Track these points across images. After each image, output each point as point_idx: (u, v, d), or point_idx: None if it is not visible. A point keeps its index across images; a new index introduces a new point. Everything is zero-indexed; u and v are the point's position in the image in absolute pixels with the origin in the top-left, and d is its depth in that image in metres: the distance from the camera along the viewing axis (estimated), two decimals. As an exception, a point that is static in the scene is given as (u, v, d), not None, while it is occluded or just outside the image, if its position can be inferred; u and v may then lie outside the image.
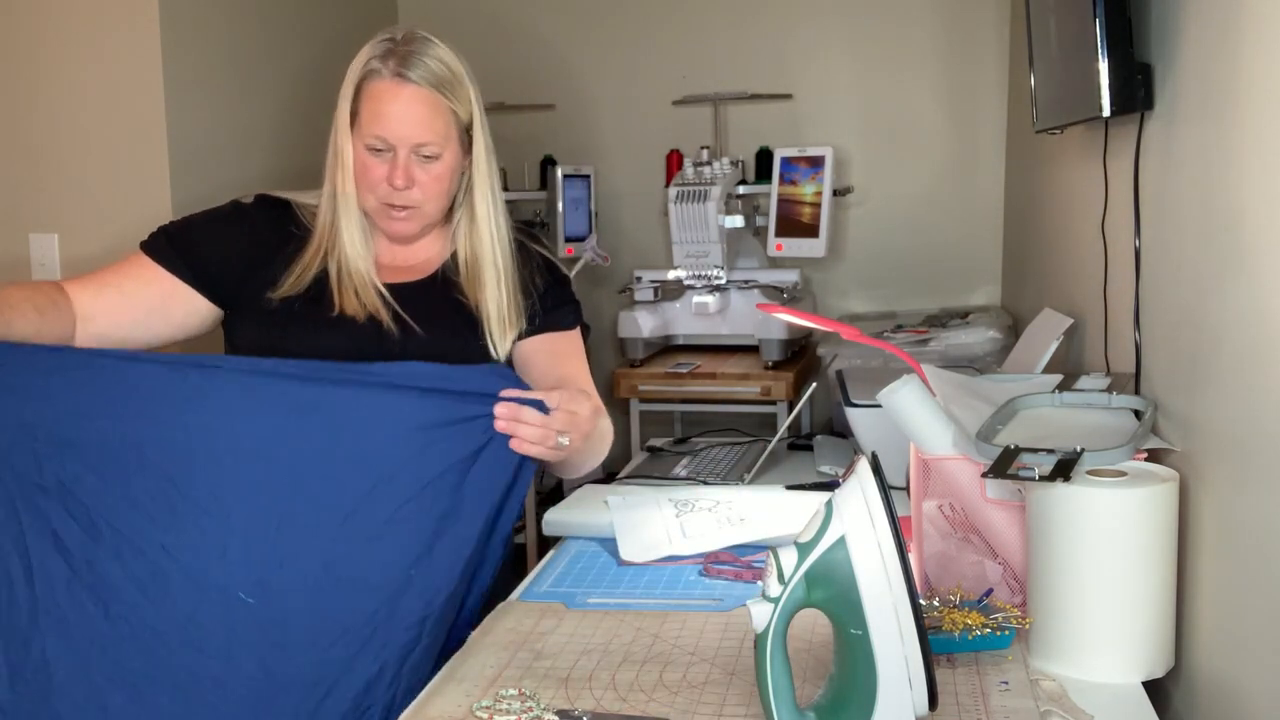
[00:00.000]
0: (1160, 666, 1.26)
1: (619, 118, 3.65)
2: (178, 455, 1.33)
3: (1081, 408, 1.52)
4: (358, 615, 1.34)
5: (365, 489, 1.34)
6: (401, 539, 1.35)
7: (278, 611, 1.33)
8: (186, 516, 1.33)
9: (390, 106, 1.51)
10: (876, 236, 3.52)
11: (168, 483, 1.33)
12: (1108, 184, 1.71)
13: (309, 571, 1.33)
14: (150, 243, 1.60)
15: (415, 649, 1.36)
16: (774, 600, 1.05)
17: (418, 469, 1.35)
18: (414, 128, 1.51)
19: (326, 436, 1.34)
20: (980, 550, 1.43)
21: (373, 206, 1.56)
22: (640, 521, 1.74)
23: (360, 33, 1.58)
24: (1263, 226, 1.11)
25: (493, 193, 1.61)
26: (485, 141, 1.59)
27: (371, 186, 1.54)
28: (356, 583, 1.34)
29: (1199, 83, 1.33)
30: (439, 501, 1.35)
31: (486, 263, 1.59)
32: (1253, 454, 1.13)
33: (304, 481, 1.34)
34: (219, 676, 1.31)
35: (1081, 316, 1.97)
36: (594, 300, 3.63)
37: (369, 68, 1.52)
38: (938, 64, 3.45)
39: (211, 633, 1.32)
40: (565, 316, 1.66)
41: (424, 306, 1.57)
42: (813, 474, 2.11)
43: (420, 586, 1.35)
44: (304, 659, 1.32)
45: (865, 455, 1.08)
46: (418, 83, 1.51)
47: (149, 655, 1.31)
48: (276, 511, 1.33)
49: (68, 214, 2.66)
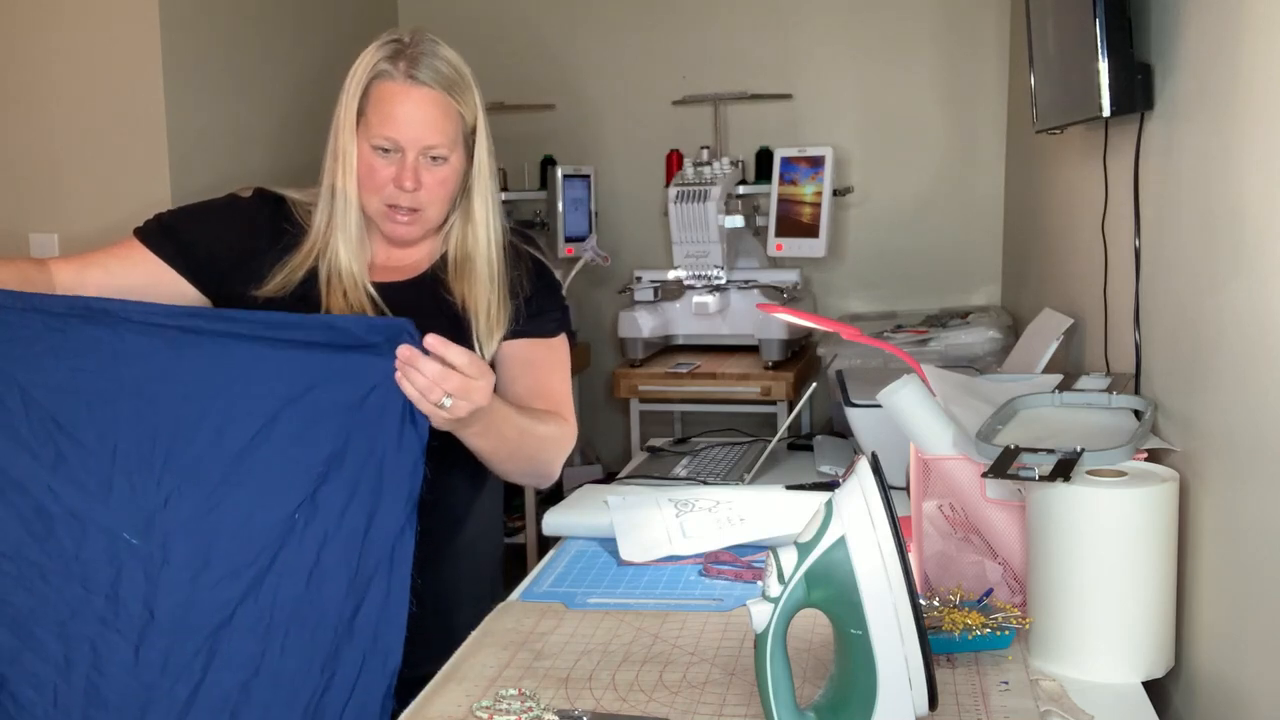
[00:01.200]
0: (1160, 666, 1.26)
1: (619, 118, 3.65)
2: (64, 397, 1.36)
3: (1081, 408, 1.52)
4: (241, 558, 1.34)
5: (249, 433, 1.35)
6: (286, 481, 1.35)
7: (160, 551, 1.34)
8: (72, 457, 1.35)
9: (401, 108, 1.50)
10: (876, 236, 3.52)
11: (53, 424, 1.36)
12: (1108, 184, 1.71)
13: (194, 513, 1.35)
14: (144, 228, 1.61)
15: (304, 602, 1.35)
16: (774, 600, 1.05)
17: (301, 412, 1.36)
18: (425, 129, 1.51)
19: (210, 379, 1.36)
20: (980, 550, 1.43)
21: (375, 208, 1.55)
22: (640, 521, 1.74)
23: (359, 29, 1.58)
24: (1263, 226, 1.12)
25: (492, 195, 1.60)
26: (488, 144, 1.59)
27: (377, 188, 1.53)
28: (240, 525, 1.35)
29: (1199, 83, 1.33)
30: (322, 445, 1.36)
31: (480, 262, 1.59)
32: (1253, 454, 1.13)
33: (187, 424, 1.36)
34: (104, 615, 1.34)
35: (1081, 316, 1.97)
36: (594, 300, 3.64)
37: (378, 69, 1.51)
38: (938, 64, 3.45)
39: (97, 570, 1.34)
40: (549, 323, 1.64)
41: (411, 308, 1.57)
42: (813, 474, 2.11)
43: (308, 532, 1.35)
44: (188, 599, 1.34)
45: (865, 455, 1.08)
46: (429, 85, 1.51)
47: (34, 593, 1.34)
48: (160, 453, 1.35)
49: (68, 214, 2.66)
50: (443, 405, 1.33)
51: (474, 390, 1.34)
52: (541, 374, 1.61)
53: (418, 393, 1.33)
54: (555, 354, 1.64)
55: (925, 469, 1.45)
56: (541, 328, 1.62)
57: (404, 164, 1.51)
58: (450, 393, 1.32)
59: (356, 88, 1.52)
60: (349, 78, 1.53)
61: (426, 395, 1.33)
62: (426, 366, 1.32)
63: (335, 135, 1.55)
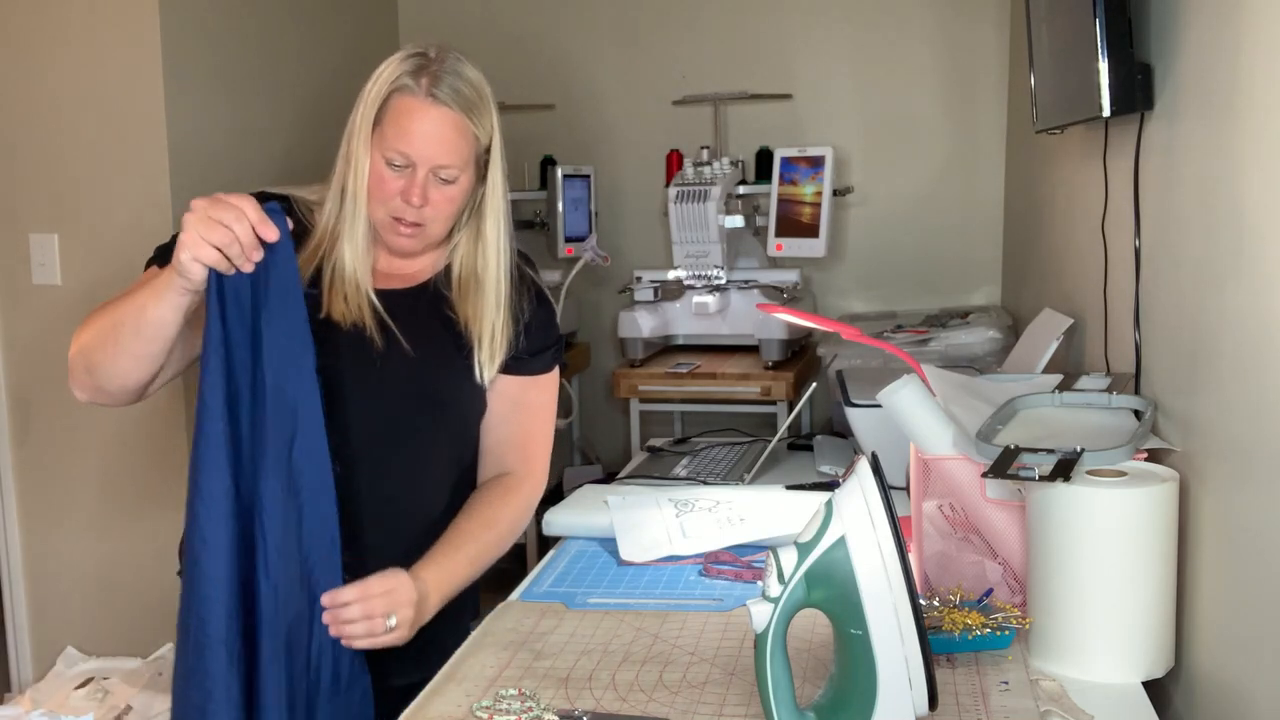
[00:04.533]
0: (1160, 666, 1.26)
1: (619, 118, 3.65)
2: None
3: (1081, 408, 1.52)
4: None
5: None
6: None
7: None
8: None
9: (419, 125, 1.49)
10: (876, 236, 3.52)
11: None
12: (1108, 184, 1.71)
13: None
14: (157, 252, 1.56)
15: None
16: (774, 600, 1.05)
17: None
18: (438, 149, 1.50)
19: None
20: (980, 550, 1.43)
21: (380, 218, 1.54)
22: (640, 521, 1.74)
23: (359, 30, 1.57)
24: (1263, 226, 1.12)
25: (505, 217, 1.60)
26: (502, 165, 1.59)
27: (385, 199, 1.53)
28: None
29: (1199, 82, 1.33)
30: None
31: (489, 285, 1.59)
32: (1253, 454, 1.13)
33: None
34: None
35: (1081, 316, 1.97)
36: (594, 300, 3.64)
37: (400, 82, 1.50)
38: (938, 64, 3.45)
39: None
40: (545, 359, 1.66)
41: (411, 318, 1.56)
42: (813, 474, 2.11)
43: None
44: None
45: (865, 455, 1.08)
46: (448, 104, 1.50)
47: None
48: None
49: (68, 214, 2.66)
50: (389, 627, 1.39)
51: (399, 596, 1.40)
52: (526, 419, 1.64)
53: (365, 632, 1.38)
54: (545, 394, 1.67)
55: (925, 469, 1.45)
56: (537, 364, 1.63)
57: (414, 180, 1.50)
58: (384, 612, 1.39)
59: (376, 97, 1.51)
60: (370, 83, 1.52)
61: (373, 631, 1.38)
62: (348, 613, 1.37)
63: (349, 139, 1.54)
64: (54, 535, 2.78)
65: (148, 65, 2.60)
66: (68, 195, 2.66)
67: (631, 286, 3.22)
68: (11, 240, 2.70)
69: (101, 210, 2.63)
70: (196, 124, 2.71)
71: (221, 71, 2.83)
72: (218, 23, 2.81)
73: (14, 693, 2.80)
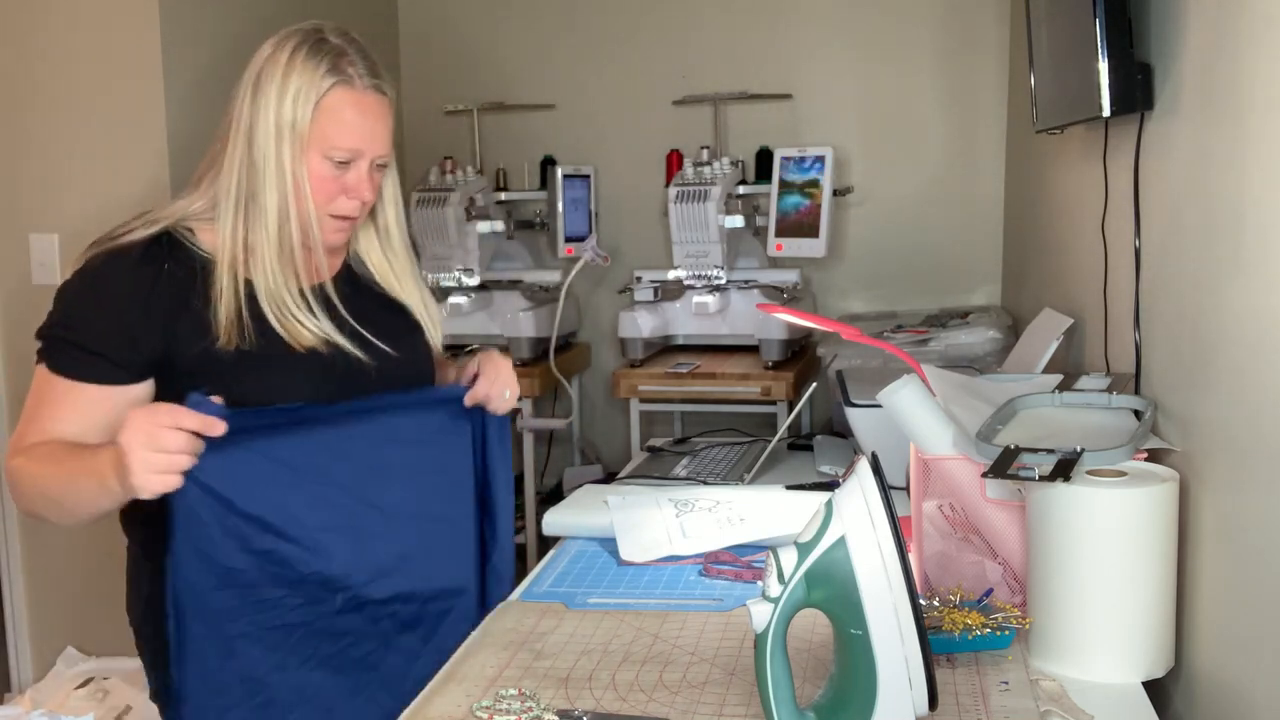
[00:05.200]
0: (1160, 666, 1.26)
1: (619, 118, 3.65)
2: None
3: (1081, 408, 1.52)
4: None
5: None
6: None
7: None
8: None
9: (363, 118, 1.43)
10: (876, 236, 3.52)
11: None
12: (1108, 184, 1.71)
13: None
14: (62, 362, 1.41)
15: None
16: (774, 600, 1.05)
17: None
18: (385, 138, 1.46)
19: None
20: (980, 550, 1.43)
21: (320, 218, 1.46)
22: (640, 521, 1.74)
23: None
24: (1263, 226, 1.12)
25: (396, 184, 1.57)
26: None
27: (327, 199, 1.44)
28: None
29: (1199, 83, 1.33)
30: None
31: (405, 270, 1.60)
32: (1253, 454, 1.13)
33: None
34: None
35: (1081, 316, 1.97)
36: (594, 300, 3.64)
37: (341, 75, 1.42)
38: (938, 64, 3.45)
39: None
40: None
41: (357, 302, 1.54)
42: (813, 474, 2.11)
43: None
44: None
45: (865, 455, 1.08)
46: (384, 91, 1.46)
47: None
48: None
49: (68, 214, 2.66)
50: (504, 397, 1.57)
51: (504, 372, 1.59)
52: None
53: (500, 396, 1.56)
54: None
55: (925, 469, 1.45)
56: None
57: (361, 173, 1.45)
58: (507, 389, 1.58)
59: (304, 95, 1.41)
60: (277, 81, 1.42)
61: (505, 396, 1.57)
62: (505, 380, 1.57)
63: (253, 142, 1.42)
64: (54, 535, 2.78)
65: (147, 65, 2.60)
66: (68, 195, 2.66)
67: (631, 286, 3.22)
68: (11, 240, 2.70)
69: (101, 210, 2.62)
70: (196, 124, 2.70)
71: (222, 72, 2.82)
72: (218, 23, 2.81)
73: (14, 693, 2.80)
